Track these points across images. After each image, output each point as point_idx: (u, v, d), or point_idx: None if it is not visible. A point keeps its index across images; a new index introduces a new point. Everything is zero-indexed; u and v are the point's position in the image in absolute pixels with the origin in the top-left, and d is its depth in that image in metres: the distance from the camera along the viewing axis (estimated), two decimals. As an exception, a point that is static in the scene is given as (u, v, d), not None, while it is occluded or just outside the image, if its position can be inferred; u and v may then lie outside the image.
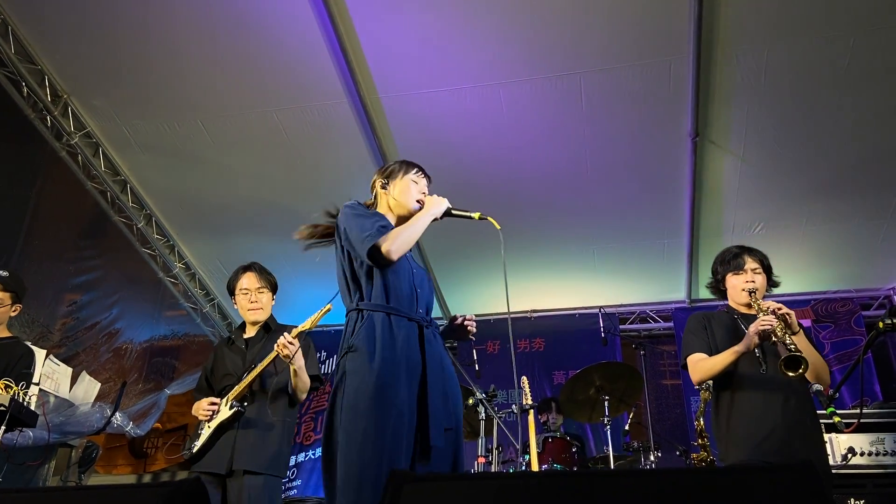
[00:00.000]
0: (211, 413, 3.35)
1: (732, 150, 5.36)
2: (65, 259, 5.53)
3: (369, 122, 5.19)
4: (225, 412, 3.31)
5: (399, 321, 2.40)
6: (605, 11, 4.45)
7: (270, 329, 3.60)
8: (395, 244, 2.40)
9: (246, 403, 3.31)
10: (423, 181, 2.77)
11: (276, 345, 3.18)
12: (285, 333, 3.20)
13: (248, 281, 3.63)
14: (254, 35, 4.71)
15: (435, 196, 2.69)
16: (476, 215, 2.68)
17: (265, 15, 4.58)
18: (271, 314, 3.68)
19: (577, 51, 4.71)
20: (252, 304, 3.58)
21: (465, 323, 2.65)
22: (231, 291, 3.69)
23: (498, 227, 2.58)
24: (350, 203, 2.63)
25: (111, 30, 4.72)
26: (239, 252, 6.66)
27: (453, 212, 2.69)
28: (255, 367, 3.33)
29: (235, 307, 3.73)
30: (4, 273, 3.68)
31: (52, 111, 5.15)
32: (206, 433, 3.33)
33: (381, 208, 2.72)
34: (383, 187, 2.72)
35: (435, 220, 2.63)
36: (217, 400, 3.38)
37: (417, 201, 2.68)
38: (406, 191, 2.68)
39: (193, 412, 3.46)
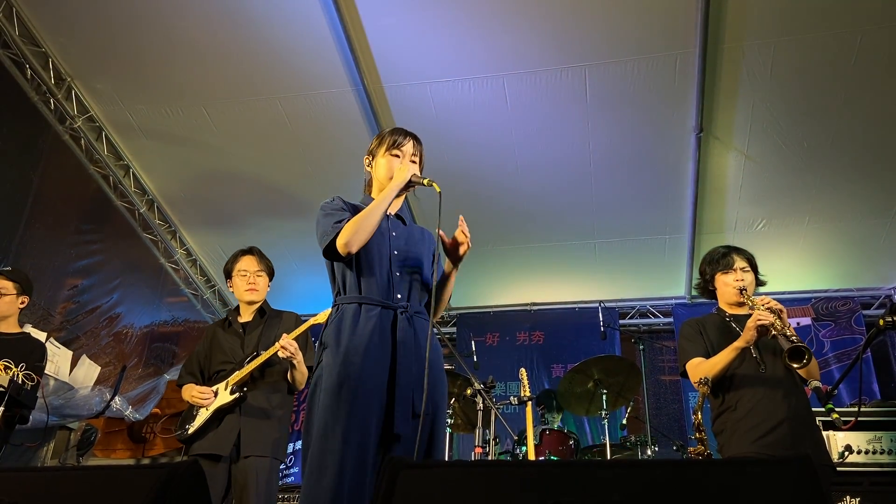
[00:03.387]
0: (206, 400, 3.37)
1: (737, 146, 5.34)
2: (66, 243, 5.54)
3: (373, 111, 5.18)
4: (225, 396, 3.34)
5: (370, 310, 2.40)
6: (611, 4, 4.44)
7: (265, 314, 3.65)
8: (350, 236, 2.38)
9: (246, 389, 3.35)
10: (407, 147, 2.66)
11: (277, 345, 3.26)
12: (285, 336, 3.28)
13: (248, 263, 3.68)
14: (259, 23, 4.70)
15: (400, 167, 2.58)
16: (426, 181, 2.57)
17: (271, 3, 4.56)
18: (265, 300, 3.71)
19: (583, 43, 4.69)
20: (250, 285, 3.62)
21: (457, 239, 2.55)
22: (228, 274, 3.73)
23: (438, 189, 2.49)
24: (323, 202, 2.61)
25: (116, 14, 4.71)
26: (240, 239, 6.62)
27: (413, 180, 2.57)
28: (257, 353, 3.39)
29: (230, 290, 3.77)
30: (7, 268, 3.76)
31: (55, 94, 5.14)
32: (203, 416, 3.36)
33: (375, 187, 2.68)
34: (369, 165, 2.71)
35: (411, 187, 2.57)
36: (210, 389, 3.40)
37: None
38: (384, 169, 2.62)
39: (185, 396, 3.47)
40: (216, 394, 3.39)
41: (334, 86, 5.07)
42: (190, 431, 3.36)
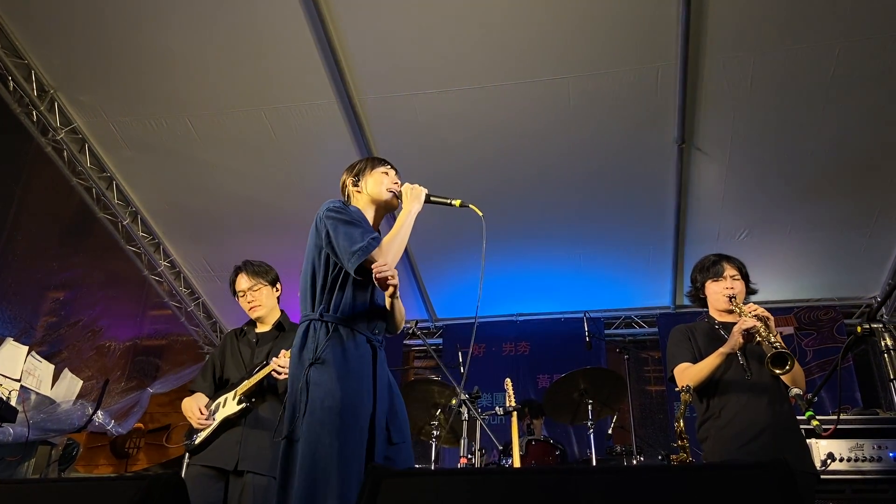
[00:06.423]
0: (203, 424, 3.32)
1: (718, 156, 5.40)
2: (49, 255, 5.50)
3: (357, 123, 5.19)
4: (232, 406, 3.31)
5: (361, 339, 2.43)
6: (593, 16, 4.48)
7: (284, 329, 3.59)
8: (390, 255, 2.40)
9: (254, 400, 3.31)
10: (393, 172, 2.78)
11: (272, 363, 3.22)
12: (275, 359, 3.22)
13: (240, 282, 3.63)
14: (243, 34, 4.70)
15: (409, 186, 2.67)
16: (457, 202, 2.66)
17: (255, 14, 4.57)
18: (282, 311, 3.65)
19: (565, 55, 4.73)
20: (250, 303, 3.57)
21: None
22: (234, 294, 3.69)
23: (480, 213, 2.55)
24: (334, 204, 2.54)
25: (99, 25, 4.70)
26: (224, 251, 6.64)
27: (432, 198, 2.69)
28: (265, 364, 3.33)
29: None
30: None
31: (38, 106, 5.12)
32: (210, 426, 3.32)
33: (364, 201, 2.71)
34: (355, 185, 2.73)
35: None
36: (206, 411, 3.35)
37: (389, 190, 2.69)
38: (379, 183, 2.70)
39: (186, 412, 3.38)
40: (216, 410, 3.35)
41: (319, 97, 5.08)
42: (197, 441, 3.32)
